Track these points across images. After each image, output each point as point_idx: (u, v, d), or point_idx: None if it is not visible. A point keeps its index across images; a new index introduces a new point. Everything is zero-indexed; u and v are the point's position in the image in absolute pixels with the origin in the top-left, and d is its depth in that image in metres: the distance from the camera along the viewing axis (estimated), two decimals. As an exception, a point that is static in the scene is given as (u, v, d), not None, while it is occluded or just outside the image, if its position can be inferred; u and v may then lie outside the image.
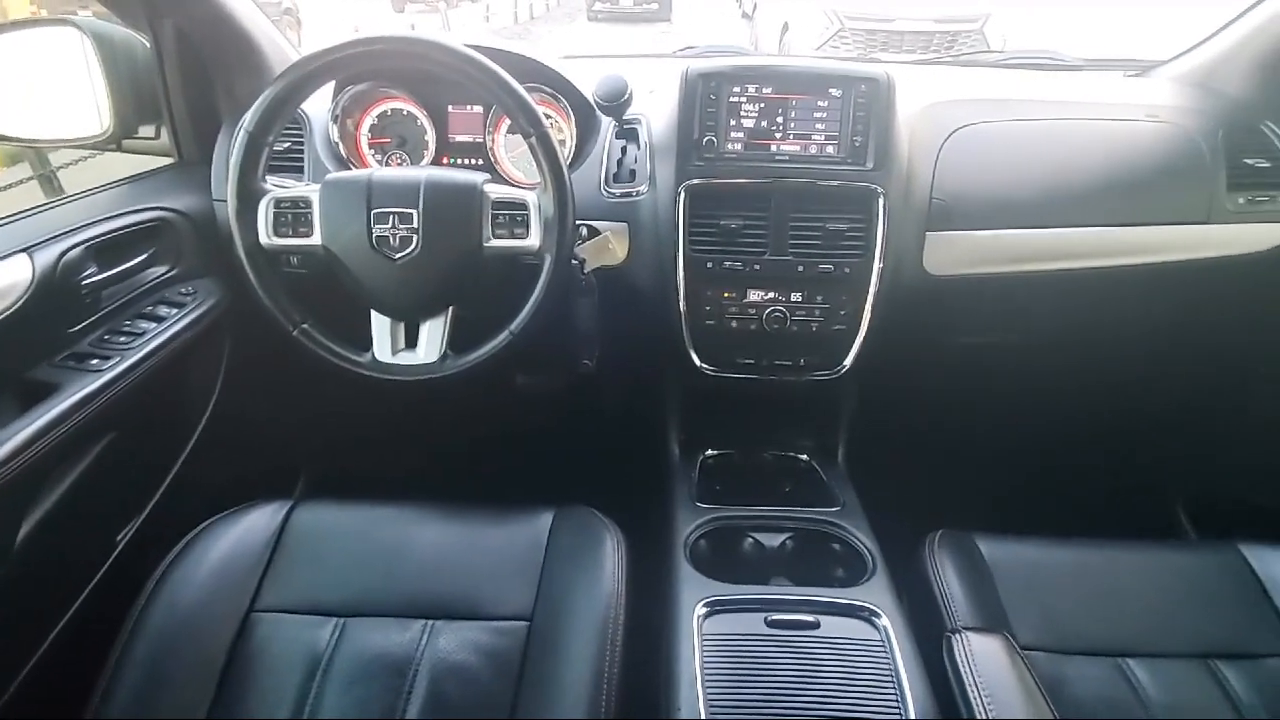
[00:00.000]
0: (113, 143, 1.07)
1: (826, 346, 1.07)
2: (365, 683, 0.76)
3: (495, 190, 0.89)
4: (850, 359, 1.07)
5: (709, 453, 1.19)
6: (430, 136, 1.18)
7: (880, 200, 1.01)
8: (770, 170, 1.02)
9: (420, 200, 0.86)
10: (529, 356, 1.00)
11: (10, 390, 0.83)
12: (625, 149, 1.12)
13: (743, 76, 1.01)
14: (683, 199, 1.02)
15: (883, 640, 0.79)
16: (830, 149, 1.02)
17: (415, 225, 0.86)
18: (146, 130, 1.13)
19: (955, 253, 1.09)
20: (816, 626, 0.80)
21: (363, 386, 0.92)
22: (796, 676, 0.75)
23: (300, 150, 1.13)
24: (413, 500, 0.97)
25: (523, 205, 0.88)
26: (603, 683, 0.75)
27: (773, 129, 1.02)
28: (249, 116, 0.84)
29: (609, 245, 1.06)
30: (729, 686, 0.74)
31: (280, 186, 0.90)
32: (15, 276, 0.82)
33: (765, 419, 1.21)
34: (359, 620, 0.82)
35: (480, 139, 1.18)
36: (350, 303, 0.91)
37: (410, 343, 0.92)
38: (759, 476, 1.17)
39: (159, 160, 1.15)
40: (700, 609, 0.82)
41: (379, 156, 1.19)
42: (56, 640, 0.88)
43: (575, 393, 1.40)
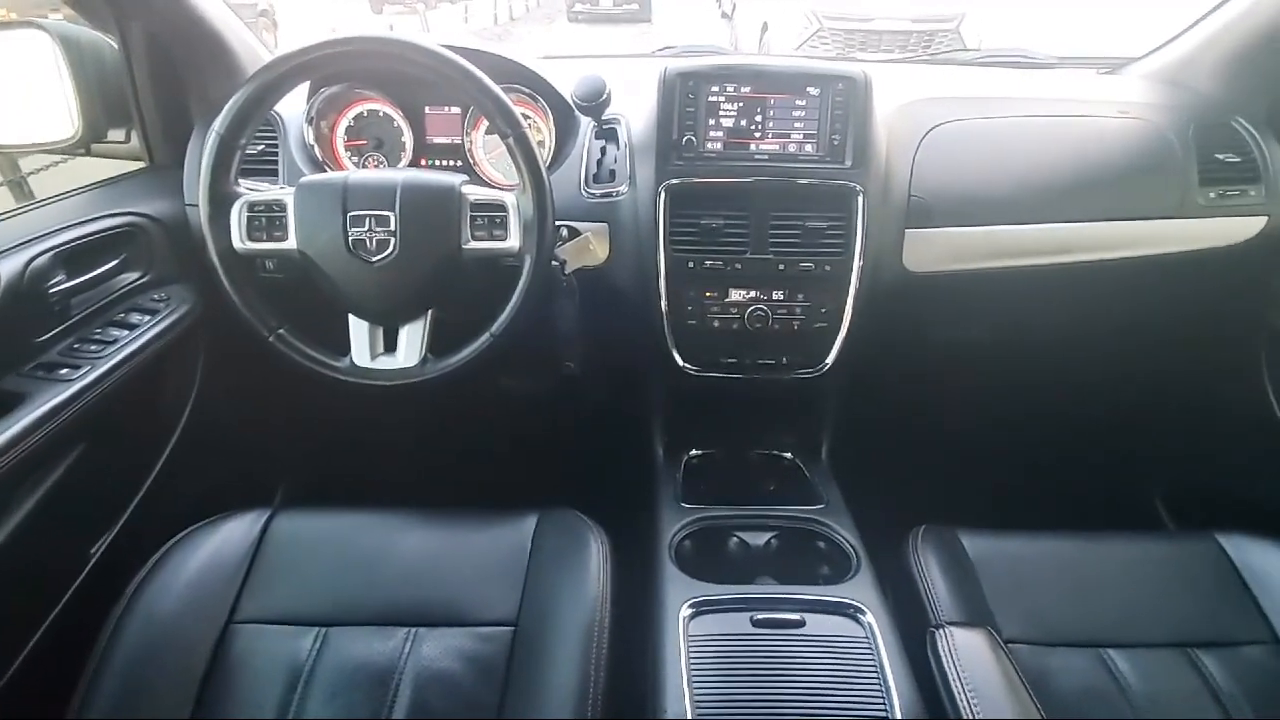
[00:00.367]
0: (81, 147, 1.05)
1: (808, 345, 1.08)
2: (348, 693, 0.75)
3: (474, 192, 0.88)
4: (832, 357, 1.07)
5: (693, 453, 1.20)
6: (407, 138, 1.17)
7: (859, 198, 1.01)
8: (750, 169, 1.02)
9: (397, 203, 0.85)
10: (510, 359, 0.99)
11: None
12: (605, 149, 1.11)
13: (721, 76, 1.01)
14: (663, 199, 1.02)
15: (868, 637, 0.79)
16: (809, 147, 1.02)
17: (393, 228, 0.85)
18: (116, 134, 1.11)
19: (934, 250, 1.09)
20: (802, 625, 0.81)
21: (342, 392, 0.91)
22: (783, 675, 0.75)
23: (274, 153, 1.11)
24: (394, 506, 0.96)
25: (502, 207, 0.87)
26: (589, 686, 0.74)
27: (752, 128, 1.02)
28: (220, 119, 0.83)
29: (590, 246, 1.05)
30: (715, 686, 0.74)
31: (254, 190, 0.88)
32: None
33: (748, 418, 1.21)
34: (341, 629, 0.81)
35: (458, 140, 1.17)
36: (328, 307, 0.90)
37: (389, 347, 0.91)
38: (743, 476, 1.17)
39: (130, 165, 1.13)
40: (686, 610, 0.82)
41: (355, 159, 1.18)
42: (29, 659, 0.86)
43: (558, 395, 1.40)
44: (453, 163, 1.18)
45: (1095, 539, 0.97)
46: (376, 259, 0.85)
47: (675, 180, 1.02)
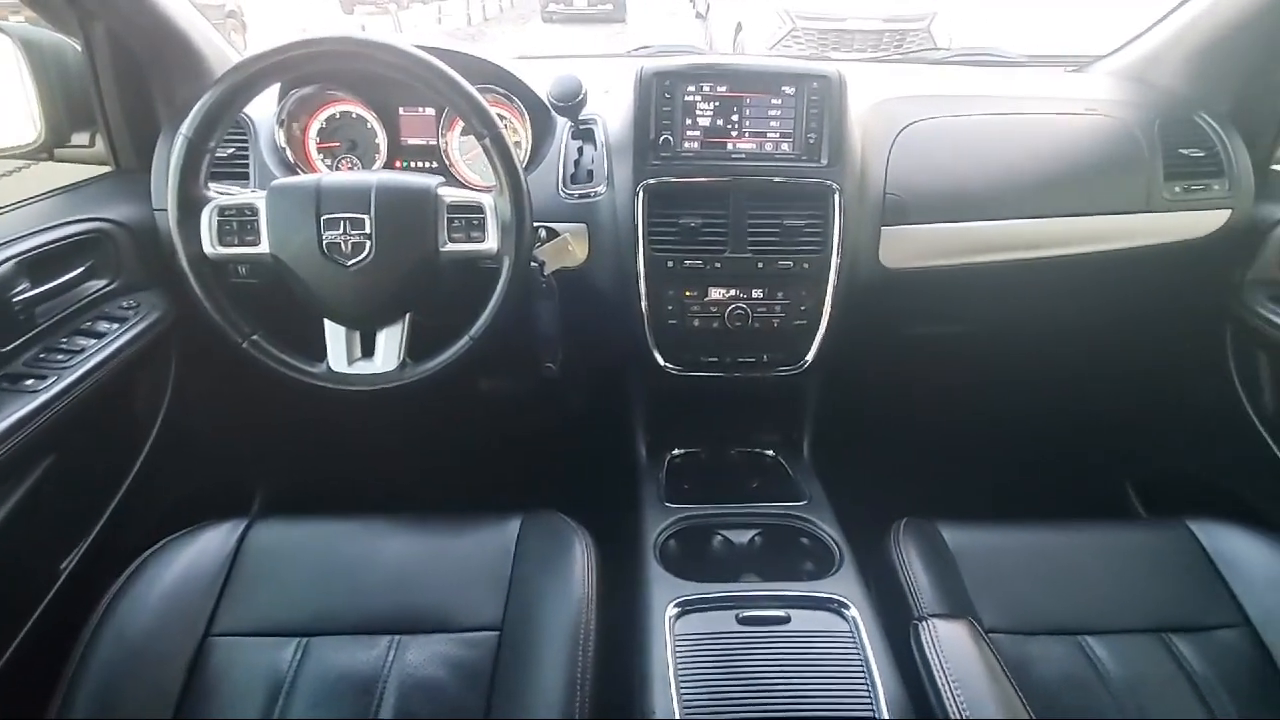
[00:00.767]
0: (44, 151, 1.03)
1: (788, 342, 1.08)
2: (331, 703, 0.74)
3: (450, 194, 0.87)
4: (812, 353, 1.08)
5: (676, 452, 1.20)
6: (381, 140, 1.16)
7: (835, 196, 1.02)
8: (727, 168, 1.02)
9: (372, 205, 0.84)
10: (491, 362, 0.99)
11: None
12: (582, 149, 1.11)
13: (697, 75, 1.01)
14: (641, 199, 1.02)
15: (852, 631, 0.80)
16: (785, 146, 1.03)
17: (368, 231, 0.84)
18: (81, 138, 1.09)
19: (910, 246, 1.11)
20: (787, 621, 0.81)
21: (319, 398, 0.90)
22: (769, 672, 0.75)
23: (245, 156, 1.09)
24: (374, 512, 0.95)
25: (479, 208, 0.87)
26: (575, 688, 0.74)
27: (728, 127, 1.03)
28: (187, 122, 0.81)
29: (568, 247, 1.05)
30: (702, 685, 0.74)
31: (224, 194, 0.87)
32: None
33: (730, 416, 1.22)
34: (322, 639, 0.80)
35: (433, 142, 1.16)
36: (302, 312, 0.88)
37: (367, 351, 0.90)
38: (726, 474, 1.17)
39: (95, 169, 1.11)
40: (671, 609, 0.82)
41: (328, 161, 1.16)
42: None
43: (539, 397, 1.39)
44: (428, 164, 1.17)
45: (1071, 528, 0.98)
46: (352, 263, 0.84)
47: (653, 180, 1.02)
